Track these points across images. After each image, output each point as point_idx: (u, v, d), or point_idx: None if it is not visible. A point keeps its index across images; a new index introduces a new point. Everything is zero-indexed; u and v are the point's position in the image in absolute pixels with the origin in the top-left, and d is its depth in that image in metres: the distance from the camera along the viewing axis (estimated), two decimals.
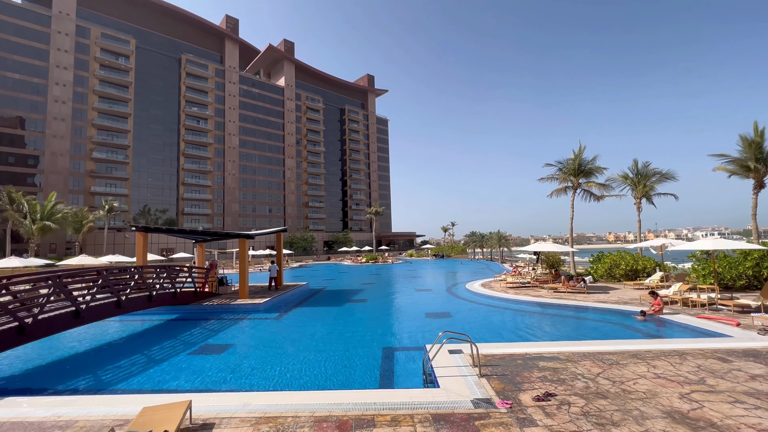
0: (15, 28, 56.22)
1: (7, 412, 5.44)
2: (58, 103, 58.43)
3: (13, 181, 52.92)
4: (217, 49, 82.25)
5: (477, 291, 19.43)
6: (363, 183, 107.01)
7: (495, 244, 53.47)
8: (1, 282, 8.49)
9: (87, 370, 8.77)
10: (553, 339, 10.14)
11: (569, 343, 8.75)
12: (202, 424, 4.91)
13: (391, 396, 5.66)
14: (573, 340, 9.64)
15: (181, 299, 15.27)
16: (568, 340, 9.37)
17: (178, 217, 71.15)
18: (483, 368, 6.82)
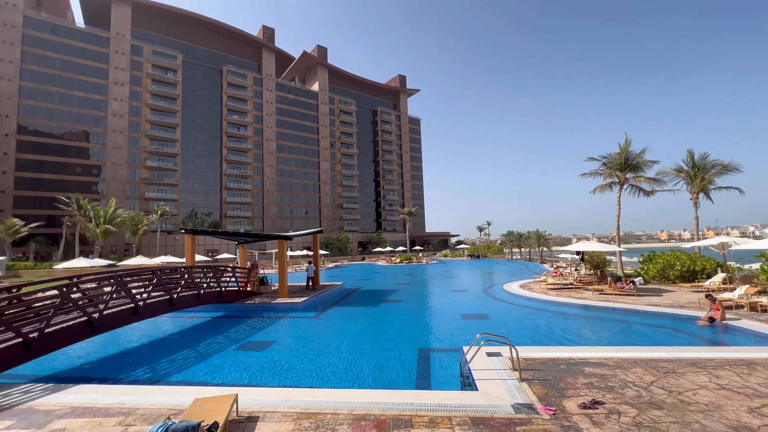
0: (80, 50, 62.15)
1: (79, 398, 6.03)
2: (117, 116, 63.82)
3: (80, 189, 58.49)
4: (255, 58, 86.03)
5: (515, 292, 18.81)
6: (396, 183, 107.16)
7: (534, 244, 51.47)
8: (73, 281, 9.44)
9: (144, 362, 9.51)
10: (600, 344, 9.60)
11: (618, 348, 8.24)
12: (247, 417, 5.16)
13: (428, 397, 5.63)
14: (622, 345, 9.06)
15: (225, 298, 16.12)
16: (617, 346, 8.81)
17: (222, 220, 75.12)
18: (523, 372, 6.60)
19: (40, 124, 58.37)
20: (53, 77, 59.56)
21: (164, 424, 3.55)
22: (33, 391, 6.42)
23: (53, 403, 5.86)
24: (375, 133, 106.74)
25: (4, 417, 5.38)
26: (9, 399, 6.07)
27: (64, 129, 60.24)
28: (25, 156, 56.47)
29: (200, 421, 3.69)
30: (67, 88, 60.44)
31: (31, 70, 57.85)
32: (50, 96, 59.15)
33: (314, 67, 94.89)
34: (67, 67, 60.81)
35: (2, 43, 55.55)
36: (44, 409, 5.64)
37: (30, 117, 57.54)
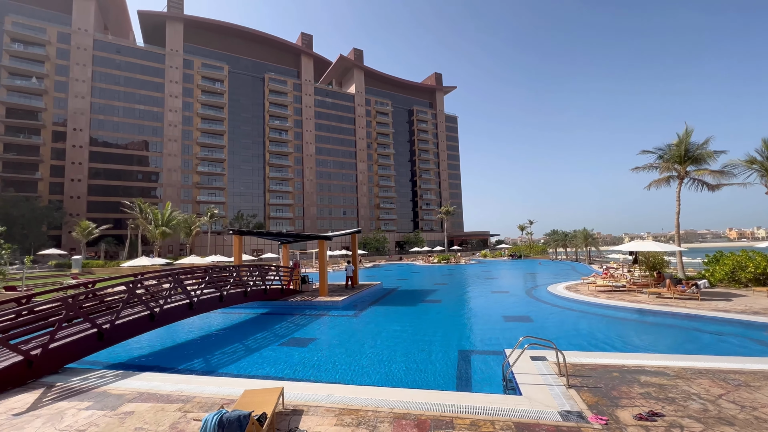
0: (140, 67, 68.02)
1: (144, 384, 6.62)
2: (172, 126, 69.07)
3: (141, 194, 64.00)
4: (294, 65, 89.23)
5: (561, 294, 17.91)
6: (433, 183, 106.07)
7: (581, 244, 48.57)
8: (137, 278, 10.38)
9: (198, 354, 10.22)
10: (657, 351, 8.88)
11: (679, 357, 7.58)
12: (292, 409, 5.38)
13: (469, 399, 5.54)
14: (683, 354, 8.33)
15: (270, 295, 16.88)
16: (678, 354, 8.11)
17: (265, 221, 78.65)
18: (571, 378, 6.29)
19: (107, 136, 64.62)
20: (118, 93, 65.70)
21: (219, 412, 3.80)
22: (106, 377, 7.14)
23: (123, 388, 6.49)
24: (411, 132, 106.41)
25: (84, 399, 6.04)
26: (87, 383, 6.80)
27: (128, 140, 66.23)
28: (96, 165, 62.79)
29: (250, 412, 3.92)
30: (129, 102, 66.40)
31: (99, 88, 64.22)
32: (116, 110, 65.30)
33: (351, 69, 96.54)
34: (130, 83, 66.78)
35: (76, 65, 62.19)
36: (116, 393, 6.26)
37: (99, 130, 63.88)
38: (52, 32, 61.63)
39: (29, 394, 6.30)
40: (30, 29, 60.01)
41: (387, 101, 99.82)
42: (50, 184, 59.78)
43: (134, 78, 67.16)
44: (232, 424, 3.69)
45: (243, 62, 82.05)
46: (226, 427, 3.67)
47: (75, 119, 61.35)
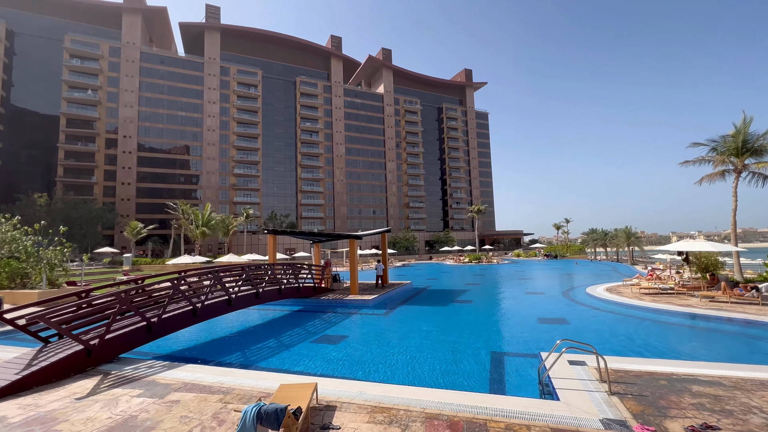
0: (181, 76, 72.08)
1: (189, 375, 7.02)
2: (210, 131, 72.65)
3: (183, 196, 67.80)
4: (324, 67, 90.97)
5: (601, 296, 17.04)
6: (463, 181, 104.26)
7: (622, 243, 45.87)
8: (180, 275, 11.02)
9: (236, 348, 10.68)
10: (712, 359, 8.23)
11: (737, 366, 6.98)
12: (326, 405, 5.50)
13: (503, 402, 5.41)
14: (742, 363, 7.65)
15: (303, 293, 17.33)
16: (736, 363, 7.47)
17: (298, 221, 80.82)
18: (613, 385, 5.97)
19: (153, 141, 69.05)
20: (162, 101, 70.02)
21: (257, 404, 3.97)
22: (155, 367, 7.64)
23: (170, 378, 6.91)
24: (440, 130, 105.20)
25: (135, 387, 6.51)
26: (138, 372, 7.31)
27: (171, 145, 70.43)
28: (143, 169, 67.26)
29: (287, 405, 4.05)
30: (172, 110, 70.59)
31: (146, 97, 68.73)
32: (160, 117, 69.64)
33: (379, 69, 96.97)
34: (172, 91, 70.98)
35: (126, 76, 66.92)
36: (163, 382, 6.68)
37: (146, 136, 68.38)
38: (105, 47, 66.67)
39: (88, 381, 6.87)
40: (85, 45, 65.26)
41: (416, 100, 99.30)
42: (104, 187, 64.78)
43: (176, 86, 71.31)
44: (269, 416, 3.83)
45: (275, 67, 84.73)
46: (264, 420, 3.82)
47: (125, 127, 66.07)
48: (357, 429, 4.72)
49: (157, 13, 74.46)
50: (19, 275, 18.29)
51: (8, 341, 10.92)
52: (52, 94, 64.75)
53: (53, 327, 7.44)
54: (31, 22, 65.98)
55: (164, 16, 76.83)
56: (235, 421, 4.97)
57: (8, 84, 63.50)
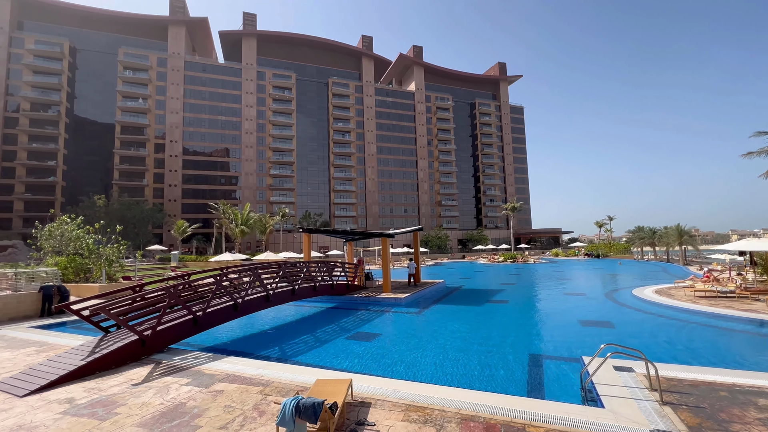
0: (221, 82, 75.79)
1: (231, 367, 7.38)
2: (248, 134, 75.84)
3: (224, 197, 71.37)
4: (355, 67, 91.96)
5: (649, 299, 15.94)
6: (497, 178, 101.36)
7: (673, 242, 42.51)
8: (222, 272, 11.61)
9: (274, 342, 11.08)
10: None
11: None
12: (360, 401, 5.58)
13: (543, 407, 5.21)
14: None
15: (337, 290, 17.66)
16: None
17: (331, 220, 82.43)
18: (665, 394, 5.57)
19: (196, 145, 73.18)
20: (204, 107, 74.03)
21: (296, 397, 4.10)
22: (200, 358, 8.11)
23: (214, 369, 7.31)
24: (473, 126, 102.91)
25: (184, 376, 6.94)
26: (186, 362, 7.79)
27: (212, 148, 74.29)
28: (188, 172, 71.49)
29: (324, 400, 4.15)
30: (213, 114, 74.46)
31: (190, 103, 72.94)
32: (203, 122, 73.67)
33: (410, 67, 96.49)
34: (214, 97, 74.86)
35: (172, 85, 71.39)
36: (208, 373, 7.08)
37: (190, 141, 72.60)
38: (153, 58, 71.51)
39: (143, 368, 7.42)
40: (136, 57, 70.35)
41: (447, 96, 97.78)
42: (153, 189, 69.57)
43: (217, 92, 75.15)
44: (307, 410, 3.95)
45: (308, 69, 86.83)
46: (303, 413, 3.94)
47: (171, 132, 70.54)
48: (392, 427, 4.75)
49: (199, 23, 78.68)
50: (82, 270, 20.10)
51: (75, 330, 12.03)
52: (108, 104, 70.44)
53: (112, 318, 8.10)
54: (90, 39, 72.04)
55: (205, 26, 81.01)
56: (274, 413, 5.16)
57: (72, 96, 69.77)
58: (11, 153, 62.98)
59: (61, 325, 12.92)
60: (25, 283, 15.18)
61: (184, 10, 75.56)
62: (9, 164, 62.47)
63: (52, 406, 5.66)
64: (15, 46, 64.89)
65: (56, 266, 19.14)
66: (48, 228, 21.52)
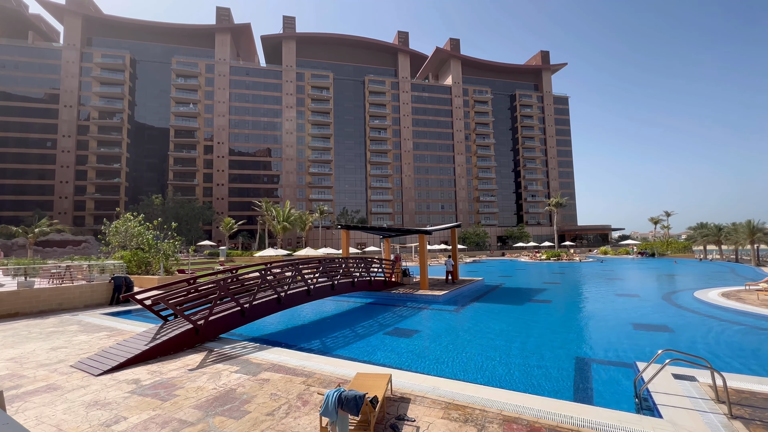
0: (263, 85, 79.10)
1: (276, 357, 7.74)
2: (288, 134, 78.61)
3: (267, 195, 74.65)
4: (391, 63, 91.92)
5: (714, 302, 14.54)
6: (539, 172, 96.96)
7: (743, 240, 38.31)
8: (267, 266, 12.16)
9: (315, 335, 11.45)
10: None
11: None
12: (400, 396, 5.62)
13: (592, 414, 4.94)
14: None
15: (374, 286, 17.87)
16: None
17: (367, 216, 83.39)
18: (735, 407, 5.07)
19: (241, 146, 77.10)
20: (247, 109, 77.76)
21: (338, 389, 4.22)
22: (248, 348, 8.58)
23: (260, 358, 7.70)
24: (513, 119, 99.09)
25: (233, 364, 7.39)
26: (235, 351, 8.29)
27: (255, 148, 77.90)
28: (233, 171, 75.58)
29: (365, 393, 4.23)
30: (256, 116, 78.01)
31: (235, 106, 76.93)
32: (246, 124, 77.43)
33: (447, 61, 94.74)
34: (256, 99, 78.40)
35: (218, 89, 75.67)
36: (255, 362, 7.47)
37: (235, 142, 76.62)
38: (202, 65, 76.13)
39: (197, 355, 7.99)
40: (187, 65, 75.29)
41: (486, 89, 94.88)
42: (203, 188, 74.31)
43: (259, 95, 78.60)
44: (349, 402, 4.05)
45: (345, 68, 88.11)
46: (345, 405, 4.05)
47: (218, 134, 74.86)
48: (432, 423, 4.74)
49: (242, 29, 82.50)
50: (143, 263, 21.98)
51: (138, 318, 13.21)
52: (163, 109, 76.15)
53: (170, 308, 8.79)
54: (147, 50, 78.12)
55: (248, 32, 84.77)
56: (317, 403, 5.35)
57: (132, 104, 76.19)
58: (83, 157, 70.08)
59: (127, 312, 14.24)
60: (97, 275, 16.89)
61: (229, 17, 79.58)
62: (82, 167, 69.60)
63: (121, 386, 6.27)
64: (85, 61, 71.96)
65: (122, 259, 21.10)
66: (114, 225, 23.77)
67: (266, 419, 4.94)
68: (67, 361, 7.73)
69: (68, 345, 9.12)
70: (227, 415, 5.07)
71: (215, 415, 5.08)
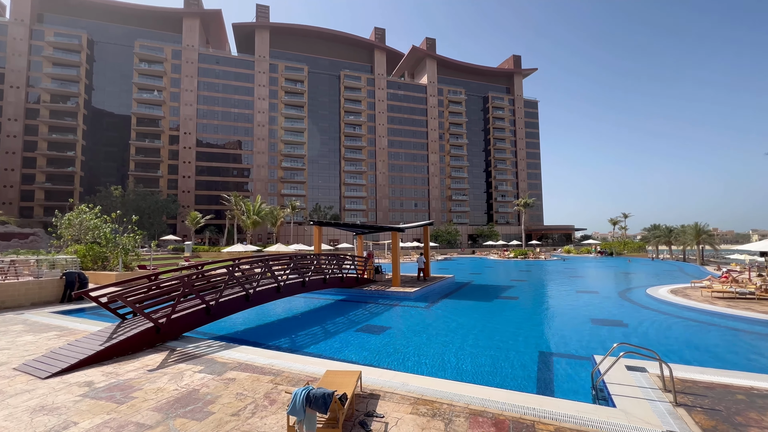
0: (234, 74, 76.25)
1: (243, 356, 7.52)
2: (260, 126, 76.34)
3: (236, 189, 72.28)
4: (367, 60, 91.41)
5: (664, 298, 15.64)
6: (509, 173, 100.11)
7: (690, 241, 41.46)
8: (234, 262, 11.77)
9: (285, 333, 11.24)
10: None
11: None
12: (369, 393, 5.62)
13: (553, 405, 5.17)
14: None
15: (346, 283, 17.78)
16: None
17: (341, 213, 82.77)
18: (680, 396, 5.47)
19: (209, 137, 74.06)
20: (217, 99, 74.72)
21: (306, 387, 4.15)
22: (213, 346, 8.28)
23: (226, 357, 7.46)
24: (486, 120, 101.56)
25: (197, 363, 7.10)
26: (199, 350, 7.97)
27: (225, 140, 75.10)
28: (201, 163, 72.52)
29: (334, 391, 4.20)
30: (226, 107, 75.14)
31: (203, 96, 73.70)
32: (215, 114, 74.43)
33: (423, 60, 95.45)
34: (227, 89, 75.47)
35: (186, 77, 72.17)
36: (221, 361, 7.23)
37: (203, 133, 73.51)
38: (168, 50, 72.30)
39: (158, 355, 7.62)
40: (152, 50, 71.26)
41: (460, 89, 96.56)
42: (168, 180, 70.84)
43: (230, 84, 75.69)
44: (318, 400, 4.00)
45: (321, 62, 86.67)
46: (313, 403, 3.99)
47: (185, 124, 71.52)
48: (400, 419, 4.78)
49: (212, 15, 79.08)
50: (100, 258, 20.66)
51: (93, 316, 12.41)
52: (124, 96, 71.71)
53: (129, 305, 8.32)
54: (107, 31, 73.17)
55: (219, 18, 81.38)
56: (285, 402, 5.25)
57: (89, 88, 71.18)
58: (32, 143, 64.76)
59: (81, 311, 13.34)
60: (46, 270, 15.69)
61: (199, 2, 75.98)
62: (30, 154, 64.30)
63: (72, 389, 5.86)
64: (35, 39, 66.33)
65: (75, 254, 19.72)
66: (67, 217, 22.15)
67: (231, 420, 4.79)
68: (10, 364, 7.15)
69: (11, 346, 8.42)
70: (189, 417, 4.88)
71: (176, 417, 4.87)
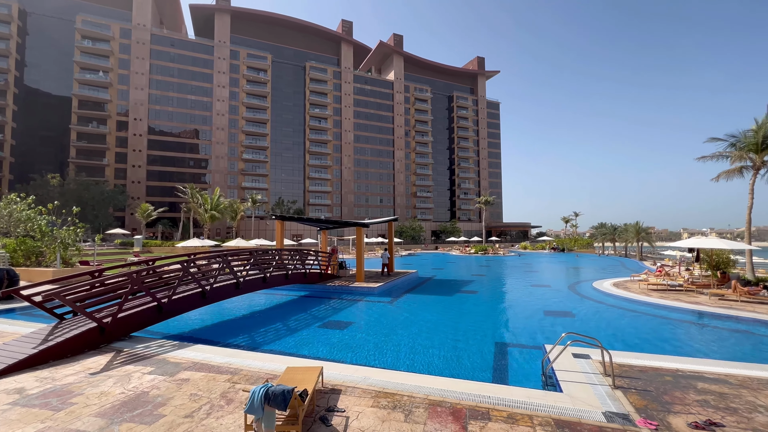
0: (191, 59, 71.86)
1: (198, 355, 7.19)
2: (219, 115, 72.72)
3: (193, 180, 68.37)
4: (334, 52, 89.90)
5: (608, 291, 16.95)
6: (472, 171, 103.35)
7: (632, 238, 45.29)
8: (190, 258, 11.19)
9: (244, 330, 10.89)
10: (718, 357, 8.18)
11: (745, 365, 6.93)
12: (331, 388, 5.61)
13: (506, 392, 5.46)
14: (750, 362, 7.58)
15: (309, 279, 17.52)
16: (743, 362, 7.40)
17: (305, 207, 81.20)
18: (617, 379, 5.98)
19: (163, 125, 69.41)
20: (172, 84, 70.05)
21: (265, 385, 4.05)
22: (165, 346, 7.83)
23: (180, 357, 7.09)
24: (450, 119, 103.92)
25: (147, 364, 6.70)
26: (149, 350, 7.51)
27: (180, 128, 70.75)
28: (153, 152, 67.84)
29: (294, 387, 4.14)
30: (182, 93, 70.68)
31: (156, 80, 68.79)
32: (170, 100, 69.80)
33: (390, 56, 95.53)
34: (183, 74, 70.94)
35: (136, 59, 66.92)
36: (174, 361, 6.86)
37: (156, 119, 68.74)
38: (116, 28, 66.57)
39: (102, 357, 7.09)
40: (97, 26, 65.22)
41: (426, 87, 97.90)
42: (115, 169, 65.63)
43: (186, 70, 71.25)
44: (277, 397, 3.92)
45: (285, 51, 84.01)
46: (272, 400, 3.91)
47: (135, 109, 66.41)
48: (361, 413, 4.82)
49: None
50: (34, 254, 18.78)
51: (25, 317, 11.27)
52: (64, 75, 65.23)
53: (68, 304, 7.65)
54: (43, 2, 66.02)
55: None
56: (242, 401, 5.10)
57: (21, 64, 64.02)
58: None
59: (10, 311, 12.06)
60: None
61: None
62: None
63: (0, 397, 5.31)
64: None
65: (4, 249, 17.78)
66: None
67: (184, 422, 4.58)
68: None
69: None
70: (137, 421, 4.59)
71: (122, 422, 4.57)
